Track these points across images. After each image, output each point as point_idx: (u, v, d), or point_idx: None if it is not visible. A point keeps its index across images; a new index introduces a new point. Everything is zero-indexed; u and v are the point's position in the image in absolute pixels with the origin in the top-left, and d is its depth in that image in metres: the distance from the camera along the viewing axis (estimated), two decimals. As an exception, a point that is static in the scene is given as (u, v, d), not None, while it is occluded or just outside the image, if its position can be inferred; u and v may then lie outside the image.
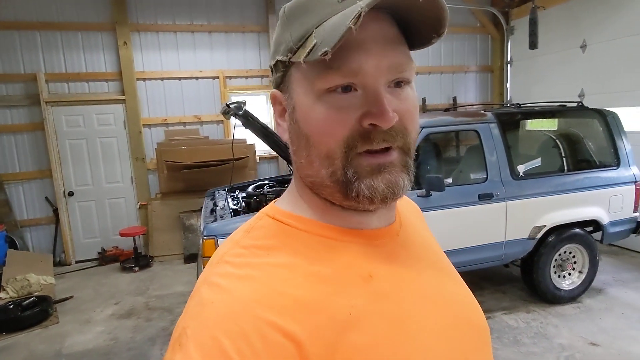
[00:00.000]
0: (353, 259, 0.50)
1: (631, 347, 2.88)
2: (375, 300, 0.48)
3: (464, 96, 6.62)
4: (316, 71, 0.47)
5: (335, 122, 0.47)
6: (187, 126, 5.52)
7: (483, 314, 0.59)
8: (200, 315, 0.44)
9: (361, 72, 0.46)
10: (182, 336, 0.44)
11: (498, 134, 3.35)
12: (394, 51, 0.48)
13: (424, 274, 0.56)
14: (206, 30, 5.42)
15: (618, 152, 3.60)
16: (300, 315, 0.43)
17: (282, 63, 0.51)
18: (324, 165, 0.49)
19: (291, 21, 0.50)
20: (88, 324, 3.62)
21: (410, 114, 0.50)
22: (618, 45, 4.73)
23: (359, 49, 0.45)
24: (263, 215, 0.56)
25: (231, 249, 0.52)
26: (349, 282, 0.48)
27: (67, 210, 5.18)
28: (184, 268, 4.87)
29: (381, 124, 0.46)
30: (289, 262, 0.48)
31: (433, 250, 0.63)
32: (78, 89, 5.10)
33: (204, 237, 2.69)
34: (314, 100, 0.48)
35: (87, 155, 5.21)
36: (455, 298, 0.57)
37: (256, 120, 3.08)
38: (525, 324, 3.27)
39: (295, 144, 0.52)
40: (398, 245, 0.56)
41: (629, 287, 3.82)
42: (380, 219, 0.55)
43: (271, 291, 0.45)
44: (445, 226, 3.08)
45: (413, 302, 0.51)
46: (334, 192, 0.50)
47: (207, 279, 0.49)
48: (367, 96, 0.47)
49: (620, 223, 3.58)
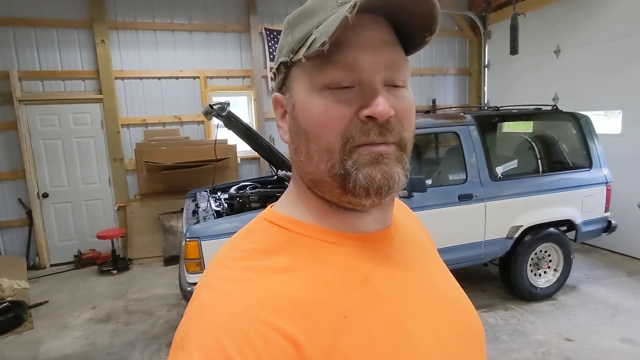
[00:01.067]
0: (350, 262, 0.51)
1: (603, 342, 3.00)
2: (372, 303, 0.49)
3: (443, 98, 6.75)
4: (316, 67, 0.48)
5: (333, 116, 0.48)
6: (167, 126, 5.44)
7: (477, 315, 0.61)
8: (202, 318, 0.44)
9: (359, 67, 0.48)
10: (184, 339, 0.44)
11: (477, 136, 3.43)
12: (391, 50, 0.50)
13: (420, 276, 0.57)
14: (187, 29, 5.35)
15: (590, 154, 3.73)
16: (299, 318, 0.44)
17: (284, 64, 0.53)
18: (323, 159, 0.50)
19: (293, 27, 0.52)
20: (64, 329, 3.52)
21: (407, 112, 0.51)
22: (590, 50, 4.91)
23: (357, 45, 0.48)
24: (261, 220, 0.56)
25: (230, 253, 0.52)
26: (346, 285, 0.49)
27: (42, 212, 5.02)
28: (164, 270, 4.79)
29: (377, 116, 0.47)
30: (288, 265, 0.49)
31: (428, 254, 0.64)
32: (53, 88, 4.95)
33: (186, 239, 2.66)
34: (313, 95, 0.49)
35: (62, 156, 5.06)
36: (450, 300, 0.58)
37: (239, 121, 3.07)
38: (504, 321, 3.36)
39: (295, 141, 0.53)
40: (394, 249, 0.57)
41: (600, 284, 3.98)
42: (376, 221, 0.56)
43: (272, 294, 0.45)
44: (427, 226, 3.10)
45: (409, 304, 0.52)
46: (332, 187, 0.51)
47: (207, 282, 0.49)
48: (364, 91, 0.48)
49: (592, 222, 3.72)
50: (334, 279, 0.49)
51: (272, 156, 3.59)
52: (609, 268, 4.35)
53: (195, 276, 2.66)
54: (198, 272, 2.66)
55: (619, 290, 3.82)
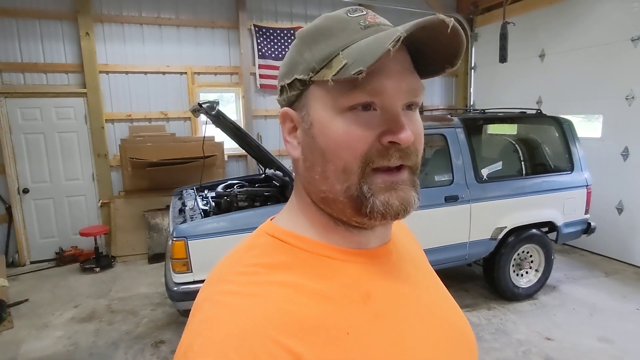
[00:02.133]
0: (352, 279, 0.52)
1: (581, 341, 3.09)
2: (373, 320, 0.50)
3: (430, 99, 6.81)
4: (341, 89, 0.49)
5: (355, 137, 0.49)
6: (153, 122, 5.35)
7: (470, 328, 0.63)
8: (208, 332, 0.44)
9: (383, 93, 0.49)
10: (188, 352, 0.44)
11: (464, 138, 3.47)
12: (412, 77, 0.51)
13: (417, 291, 0.58)
14: (174, 24, 5.27)
15: (572, 157, 3.82)
16: (304, 335, 0.45)
17: (300, 82, 0.53)
18: (339, 180, 0.51)
19: (310, 44, 0.52)
20: (45, 329, 3.45)
21: (420, 136, 0.53)
22: (573, 55, 5.02)
23: (382, 71, 0.49)
24: (263, 234, 0.56)
25: (233, 267, 0.52)
26: (348, 301, 0.50)
27: (22, 208, 4.90)
28: (149, 269, 4.73)
29: (401, 142, 0.49)
30: (292, 281, 0.49)
31: (423, 268, 0.66)
32: (35, 80, 4.82)
33: (173, 238, 2.63)
34: (335, 117, 0.50)
35: (44, 151, 4.94)
36: (446, 313, 0.60)
37: (228, 119, 3.04)
38: (487, 320, 3.43)
39: (310, 159, 0.53)
40: (392, 264, 0.58)
41: (579, 284, 4.09)
42: (378, 238, 0.57)
43: (278, 310, 0.45)
44: (413, 227, 3.15)
45: (408, 320, 0.53)
46: (345, 207, 0.52)
47: (209, 296, 0.49)
48: (386, 116, 0.50)
49: (573, 224, 3.82)
50: (337, 295, 0.50)
51: (261, 155, 3.57)
52: (588, 268, 4.47)
53: (181, 276, 2.64)
54: (184, 272, 2.63)
55: (596, 290, 3.93)
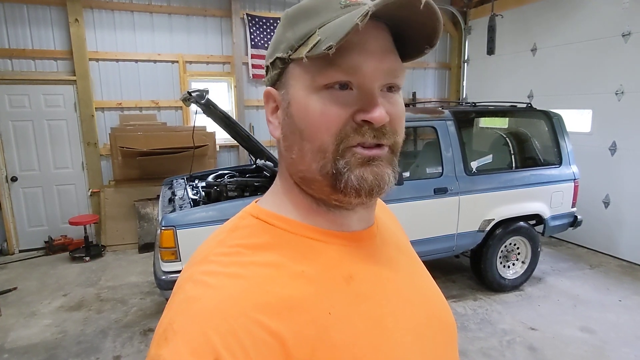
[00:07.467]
0: (335, 260, 0.53)
1: (564, 331, 3.15)
2: (355, 301, 0.50)
3: (423, 91, 6.82)
4: (317, 67, 0.49)
5: (330, 116, 0.49)
6: (144, 111, 5.31)
7: (450, 311, 0.64)
8: (188, 311, 0.44)
9: (360, 72, 0.49)
10: (168, 331, 0.43)
11: (454, 131, 3.49)
12: (391, 57, 0.51)
13: (400, 274, 0.59)
14: (166, 11, 5.20)
15: (561, 151, 3.87)
16: (285, 315, 0.45)
17: (281, 60, 0.52)
18: (315, 159, 0.51)
19: (293, 23, 0.52)
20: (34, 317, 3.45)
21: (399, 117, 0.53)
22: (565, 50, 5.04)
23: (360, 50, 0.48)
24: (247, 215, 0.56)
25: (215, 248, 0.52)
26: (330, 282, 0.50)
27: (10, 196, 4.85)
28: (139, 258, 4.73)
29: (374, 121, 0.49)
30: (275, 261, 0.49)
31: (406, 252, 0.66)
32: (23, 67, 4.75)
33: (162, 227, 2.63)
34: (311, 95, 0.50)
35: (33, 138, 4.88)
36: (427, 297, 0.61)
37: (218, 109, 3.02)
38: (472, 310, 3.48)
39: (289, 139, 0.53)
40: (376, 248, 0.58)
41: (564, 276, 4.16)
42: (360, 221, 0.57)
43: (259, 290, 0.46)
44: (402, 219, 3.15)
45: (390, 302, 0.54)
46: (322, 186, 0.52)
47: (192, 276, 0.49)
48: (362, 95, 0.49)
49: (560, 217, 3.87)
50: (319, 276, 0.50)
51: (251, 145, 3.57)
52: (574, 261, 4.54)
53: (170, 265, 2.65)
54: (173, 260, 2.64)
55: (581, 282, 4.00)
